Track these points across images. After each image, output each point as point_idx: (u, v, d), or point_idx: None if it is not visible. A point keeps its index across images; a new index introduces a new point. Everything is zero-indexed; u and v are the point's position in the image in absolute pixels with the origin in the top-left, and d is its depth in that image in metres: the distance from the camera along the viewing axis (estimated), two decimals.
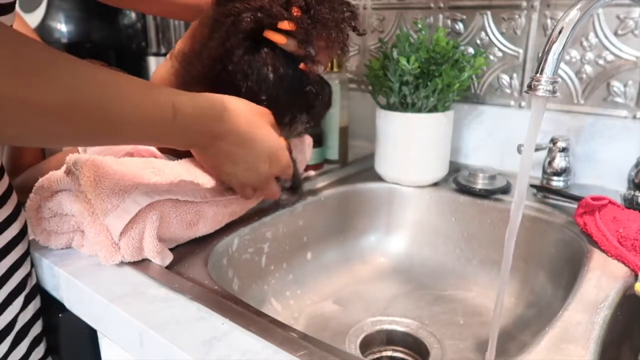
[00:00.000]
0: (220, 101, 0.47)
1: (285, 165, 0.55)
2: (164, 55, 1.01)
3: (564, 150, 0.74)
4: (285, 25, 0.54)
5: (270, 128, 0.53)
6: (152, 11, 0.81)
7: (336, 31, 0.57)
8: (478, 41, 0.84)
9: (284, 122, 0.58)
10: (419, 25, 0.77)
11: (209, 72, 0.55)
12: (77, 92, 0.34)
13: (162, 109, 0.40)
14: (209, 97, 0.46)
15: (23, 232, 0.51)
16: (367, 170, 0.85)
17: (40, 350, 0.54)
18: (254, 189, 0.56)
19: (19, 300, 0.50)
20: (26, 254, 0.52)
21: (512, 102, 0.83)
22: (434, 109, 0.75)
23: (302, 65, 0.57)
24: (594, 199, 0.59)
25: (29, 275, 0.52)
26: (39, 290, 0.54)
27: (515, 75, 0.82)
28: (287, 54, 0.56)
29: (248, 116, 0.50)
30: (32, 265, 0.54)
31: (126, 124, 0.38)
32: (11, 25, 0.45)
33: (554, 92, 0.42)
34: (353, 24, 0.60)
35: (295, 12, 0.55)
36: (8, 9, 0.45)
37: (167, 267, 0.52)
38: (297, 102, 0.59)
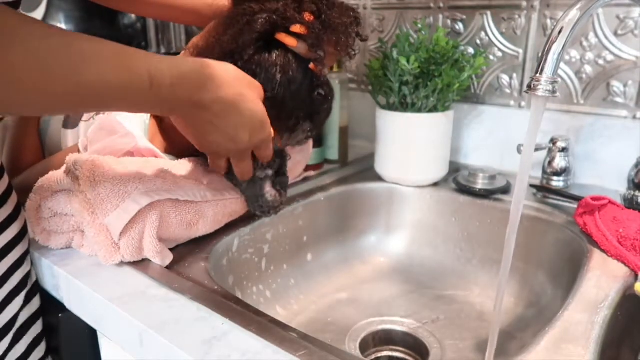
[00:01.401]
0: (206, 68, 0.45)
1: (265, 137, 0.53)
2: (164, 55, 1.01)
3: (563, 150, 0.74)
4: (297, 28, 0.55)
5: (257, 100, 0.50)
6: (150, 14, 0.80)
7: (345, 36, 0.58)
8: (478, 41, 0.84)
9: (288, 127, 0.59)
10: (419, 25, 0.77)
11: None
12: (51, 61, 0.34)
13: (138, 78, 0.39)
14: (192, 64, 0.44)
15: (23, 232, 0.51)
16: (367, 170, 0.85)
17: (40, 350, 0.54)
18: (227, 161, 0.55)
19: (19, 300, 0.50)
20: (26, 254, 0.52)
21: (512, 102, 0.83)
22: (434, 109, 0.75)
23: (311, 65, 0.57)
24: (594, 199, 0.59)
25: (28, 274, 0.52)
26: (38, 289, 0.55)
27: (515, 75, 0.82)
28: (298, 58, 0.57)
29: (235, 86, 0.48)
30: (32, 264, 0.54)
31: (102, 93, 0.38)
32: None
33: (553, 92, 0.42)
34: (357, 30, 0.61)
35: (308, 17, 0.56)
36: (14, 7, 0.45)
37: (167, 267, 0.52)
38: (303, 107, 0.59)
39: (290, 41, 0.55)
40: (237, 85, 0.48)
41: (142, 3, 0.64)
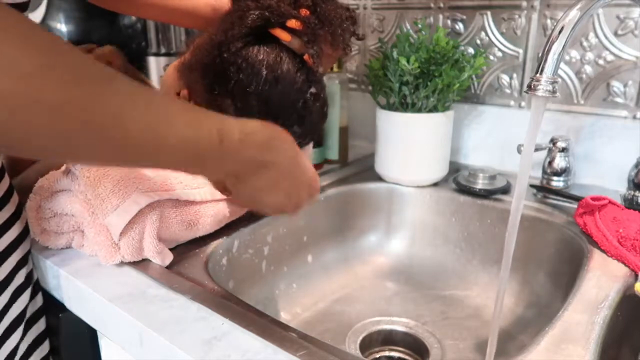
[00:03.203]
0: (268, 126, 0.43)
1: (318, 191, 0.52)
2: (164, 55, 1.01)
3: (563, 150, 0.74)
4: (292, 23, 0.54)
5: (307, 158, 0.50)
6: (150, 16, 0.80)
7: (341, 29, 0.58)
8: (478, 41, 0.84)
9: None
10: (419, 25, 0.77)
11: (206, 57, 0.55)
12: (128, 114, 0.32)
13: (209, 133, 0.37)
14: (256, 122, 0.43)
15: (25, 232, 0.51)
16: (367, 170, 0.85)
17: (42, 350, 0.54)
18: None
19: (22, 299, 0.50)
20: (28, 254, 0.52)
21: (512, 102, 0.83)
22: (434, 109, 0.75)
23: (306, 57, 0.56)
24: (593, 199, 0.59)
25: (30, 274, 0.52)
26: (40, 288, 0.55)
27: (515, 75, 0.82)
28: (291, 57, 0.56)
29: (294, 146, 0.46)
30: (33, 264, 0.54)
31: (170, 147, 0.35)
32: None
33: (553, 92, 0.42)
34: (352, 29, 0.60)
35: (304, 12, 0.55)
36: (22, 7, 0.45)
37: (167, 267, 0.52)
38: (292, 111, 0.57)
39: (284, 36, 0.54)
40: (294, 145, 0.46)
41: (141, 4, 0.64)
